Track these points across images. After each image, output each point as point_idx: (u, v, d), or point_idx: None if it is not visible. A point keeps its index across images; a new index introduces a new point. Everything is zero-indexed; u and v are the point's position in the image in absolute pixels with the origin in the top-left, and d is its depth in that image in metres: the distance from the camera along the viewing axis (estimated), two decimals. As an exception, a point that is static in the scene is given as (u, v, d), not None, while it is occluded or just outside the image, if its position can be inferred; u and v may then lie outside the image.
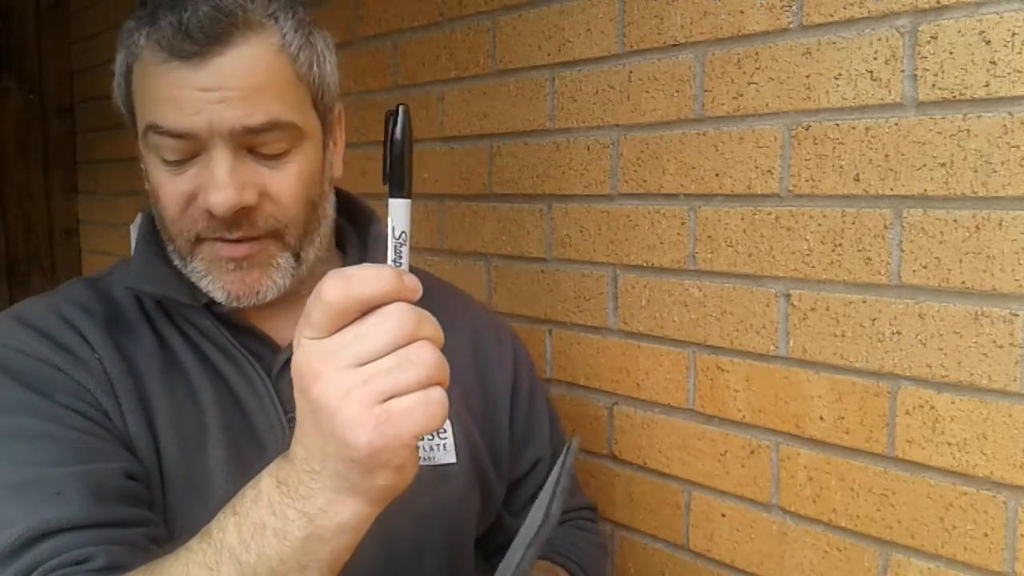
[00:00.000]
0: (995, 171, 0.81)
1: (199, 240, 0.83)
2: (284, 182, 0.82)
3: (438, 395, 0.57)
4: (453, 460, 0.92)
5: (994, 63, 0.80)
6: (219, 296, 0.84)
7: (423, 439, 0.89)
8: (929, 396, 0.87)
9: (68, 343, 0.82)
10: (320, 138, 0.87)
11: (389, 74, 1.54)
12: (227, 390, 0.86)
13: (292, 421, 0.84)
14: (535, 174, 1.28)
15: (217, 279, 0.83)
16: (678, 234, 1.09)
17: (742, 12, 1.00)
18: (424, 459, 0.90)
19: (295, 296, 0.88)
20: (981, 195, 0.82)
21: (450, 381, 0.90)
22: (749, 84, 1.00)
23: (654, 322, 1.13)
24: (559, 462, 0.74)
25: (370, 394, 0.55)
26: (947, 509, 0.86)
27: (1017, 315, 0.81)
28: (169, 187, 0.81)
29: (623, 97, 1.14)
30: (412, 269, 0.61)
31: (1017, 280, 0.81)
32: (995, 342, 0.82)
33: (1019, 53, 0.79)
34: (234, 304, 0.84)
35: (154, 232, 0.89)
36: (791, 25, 0.95)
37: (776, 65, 0.97)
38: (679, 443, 1.12)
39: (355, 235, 0.98)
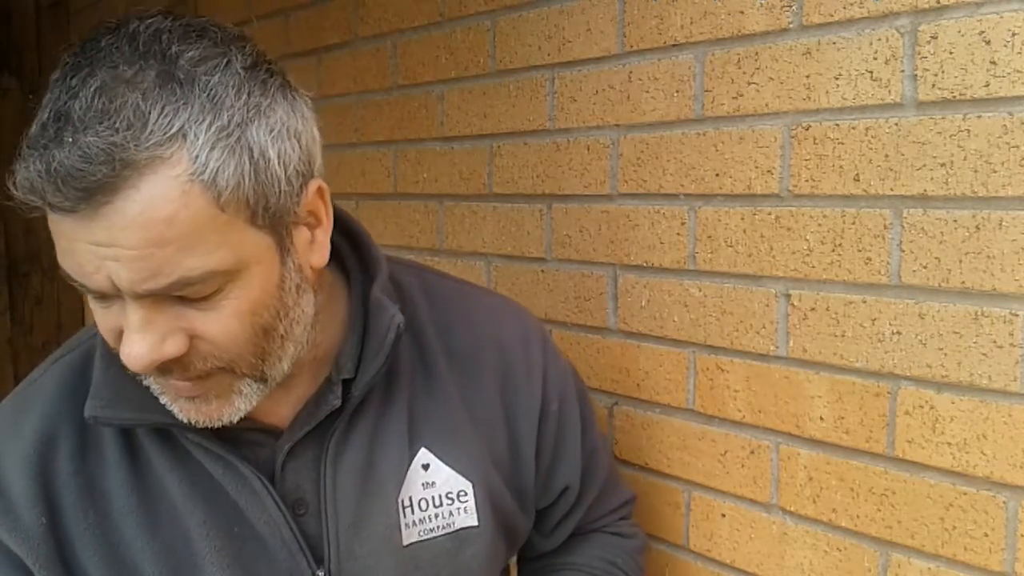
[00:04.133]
0: (995, 171, 0.81)
1: None
2: (217, 323, 0.69)
3: None
4: (475, 523, 0.87)
5: (994, 63, 0.80)
6: (180, 418, 0.75)
7: (441, 505, 0.86)
8: (929, 396, 0.87)
9: (13, 499, 0.76)
10: (272, 254, 0.71)
11: (389, 74, 1.54)
12: (224, 500, 0.79)
13: (300, 509, 0.81)
14: (535, 174, 1.28)
15: (173, 403, 0.74)
16: (678, 234, 1.09)
17: (742, 12, 1.00)
18: (443, 527, 0.86)
19: (296, 366, 0.79)
20: (981, 195, 0.82)
21: (475, 432, 0.89)
22: (749, 84, 1.00)
23: (654, 322, 1.13)
24: None
25: None
26: (947, 509, 0.86)
27: (1017, 315, 0.81)
28: (99, 318, 0.71)
29: (623, 97, 1.14)
30: (431, 274, 0.52)
31: (1017, 280, 0.81)
32: (995, 342, 0.82)
33: (1019, 53, 0.79)
34: (197, 426, 0.75)
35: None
36: (791, 25, 0.95)
37: (776, 65, 0.97)
38: (679, 443, 1.12)
39: (356, 262, 0.88)
